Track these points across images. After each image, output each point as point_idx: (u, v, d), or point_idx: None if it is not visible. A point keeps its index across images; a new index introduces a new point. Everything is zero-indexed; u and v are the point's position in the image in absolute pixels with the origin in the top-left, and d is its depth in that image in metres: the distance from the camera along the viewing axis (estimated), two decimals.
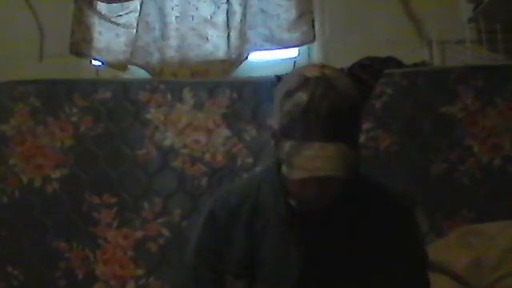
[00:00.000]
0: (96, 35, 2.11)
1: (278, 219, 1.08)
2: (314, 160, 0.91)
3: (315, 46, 2.13)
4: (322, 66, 0.99)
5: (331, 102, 0.93)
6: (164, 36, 2.10)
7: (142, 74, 2.10)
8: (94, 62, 2.19)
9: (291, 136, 0.95)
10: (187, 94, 1.90)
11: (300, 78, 0.97)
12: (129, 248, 1.82)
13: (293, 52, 2.17)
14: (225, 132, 1.88)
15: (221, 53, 2.10)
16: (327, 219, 1.05)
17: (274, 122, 1.02)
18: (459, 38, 2.02)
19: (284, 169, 0.97)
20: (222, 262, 1.11)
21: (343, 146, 0.93)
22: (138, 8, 2.10)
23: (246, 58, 2.09)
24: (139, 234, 1.83)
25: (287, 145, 0.95)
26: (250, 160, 1.85)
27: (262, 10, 2.10)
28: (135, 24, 2.09)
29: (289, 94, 0.96)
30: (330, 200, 1.02)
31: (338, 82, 0.96)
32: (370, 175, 1.14)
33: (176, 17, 2.11)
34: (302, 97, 0.94)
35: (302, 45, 2.11)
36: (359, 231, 1.06)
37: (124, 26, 2.13)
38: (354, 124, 0.98)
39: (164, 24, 2.11)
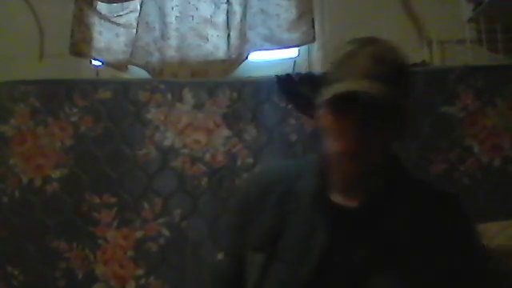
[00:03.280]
0: (96, 35, 2.11)
1: (312, 205, 1.07)
2: (346, 83, 0.97)
3: (315, 45, 2.13)
4: None
5: (374, 49, 1.01)
6: (164, 36, 2.10)
7: (142, 74, 2.10)
8: (94, 62, 2.18)
9: (330, 80, 1.00)
10: (187, 94, 1.91)
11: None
12: (129, 248, 1.82)
13: (293, 52, 2.17)
14: (225, 132, 1.88)
15: (221, 53, 2.09)
16: (365, 216, 1.03)
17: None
18: (459, 37, 2.02)
19: (319, 102, 1.02)
20: (245, 238, 1.11)
21: (381, 84, 0.96)
22: (138, 8, 2.10)
23: (246, 58, 2.09)
24: (139, 233, 1.83)
25: (327, 89, 1.00)
26: (250, 160, 1.85)
27: (262, 10, 2.10)
28: (135, 24, 2.09)
29: (337, 49, 1.06)
30: (367, 163, 1.01)
31: (384, 41, 1.06)
32: (413, 171, 1.15)
33: (176, 17, 2.11)
34: (347, 47, 1.04)
35: (302, 45, 2.11)
36: (403, 230, 1.03)
37: (124, 26, 2.13)
38: (398, 79, 1.00)
39: (164, 24, 2.11)
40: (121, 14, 2.15)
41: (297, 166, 1.16)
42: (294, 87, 1.88)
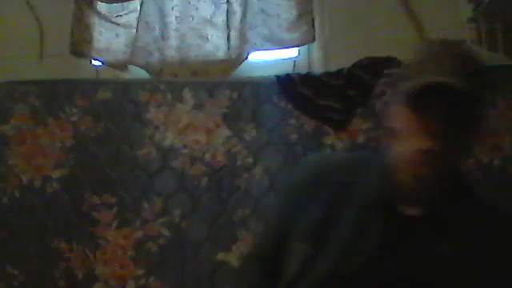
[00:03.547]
0: (96, 35, 2.11)
1: (369, 205, 1.03)
2: (434, 76, 0.92)
3: (315, 45, 2.13)
4: None
5: (461, 50, 1.00)
6: (164, 36, 2.10)
7: (142, 74, 2.10)
8: (94, 62, 2.18)
9: (413, 76, 0.96)
10: (187, 94, 1.91)
11: None
12: (129, 248, 1.82)
13: (293, 52, 2.17)
14: (225, 132, 1.88)
15: (221, 53, 2.09)
16: (423, 226, 1.00)
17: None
18: (459, 38, 2.02)
19: (394, 98, 1.00)
20: (291, 226, 1.08)
21: (468, 83, 0.92)
22: (138, 8, 2.10)
23: (246, 57, 2.09)
24: (139, 233, 1.83)
25: (401, 83, 0.97)
26: (250, 160, 1.85)
27: (262, 10, 2.10)
28: (135, 24, 2.09)
29: (419, 48, 1.04)
30: (442, 167, 0.97)
31: (468, 45, 1.05)
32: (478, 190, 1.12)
33: (176, 17, 2.11)
34: (431, 47, 1.04)
35: (302, 45, 2.10)
36: (458, 248, 0.99)
37: (124, 26, 2.13)
38: (482, 83, 0.97)
39: (164, 24, 2.11)
40: (121, 14, 2.15)
41: (351, 161, 1.12)
42: (294, 87, 1.88)
